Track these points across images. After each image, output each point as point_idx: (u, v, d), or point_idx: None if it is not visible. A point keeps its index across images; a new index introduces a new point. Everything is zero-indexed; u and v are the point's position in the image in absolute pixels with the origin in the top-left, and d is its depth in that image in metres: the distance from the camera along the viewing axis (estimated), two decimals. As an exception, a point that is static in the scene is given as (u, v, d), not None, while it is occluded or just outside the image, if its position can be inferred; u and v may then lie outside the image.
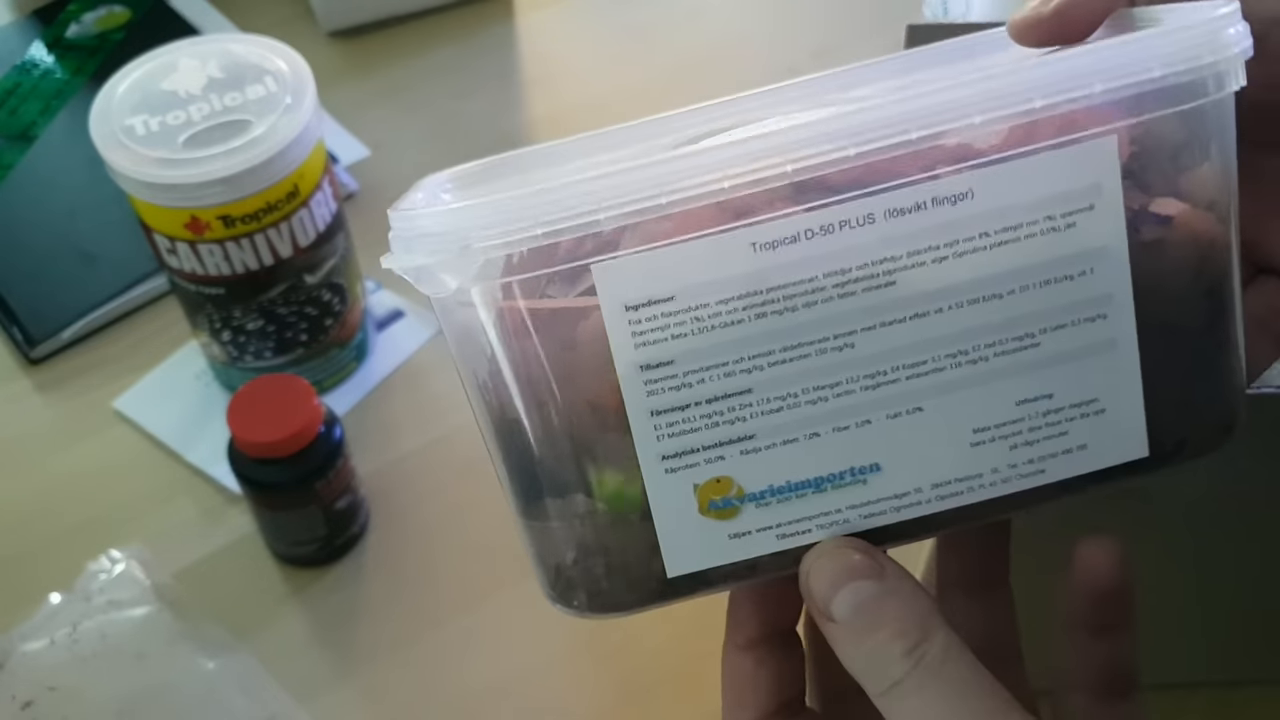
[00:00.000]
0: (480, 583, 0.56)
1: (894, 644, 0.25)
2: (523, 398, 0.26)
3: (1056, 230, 0.25)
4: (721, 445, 0.26)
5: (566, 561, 0.28)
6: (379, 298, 0.66)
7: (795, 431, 0.26)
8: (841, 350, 0.25)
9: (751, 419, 0.26)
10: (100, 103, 0.52)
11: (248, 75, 0.53)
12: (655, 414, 0.26)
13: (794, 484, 0.26)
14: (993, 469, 0.26)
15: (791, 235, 0.25)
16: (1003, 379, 0.26)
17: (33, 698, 0.51)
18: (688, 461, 0.26)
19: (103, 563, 0.55)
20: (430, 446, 0.61)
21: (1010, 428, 0.26)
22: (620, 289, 0.25)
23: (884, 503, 0.26)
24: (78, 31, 0.79)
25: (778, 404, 0.26)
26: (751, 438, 0.26)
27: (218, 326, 0.58)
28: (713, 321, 0.25)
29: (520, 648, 0.54)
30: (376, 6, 0.80)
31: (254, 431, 0.50)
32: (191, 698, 0.51)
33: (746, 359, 0.25)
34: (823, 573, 0.26)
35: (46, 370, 0.65)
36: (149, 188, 0.50)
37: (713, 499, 0.26)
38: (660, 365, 0.25)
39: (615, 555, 0.27)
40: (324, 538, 0.55)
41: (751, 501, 0.26)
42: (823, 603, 0.26)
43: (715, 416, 0.26)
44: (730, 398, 0.26)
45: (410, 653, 0.54)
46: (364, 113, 0.76)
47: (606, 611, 0.28)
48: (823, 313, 0.25)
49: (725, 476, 0.26)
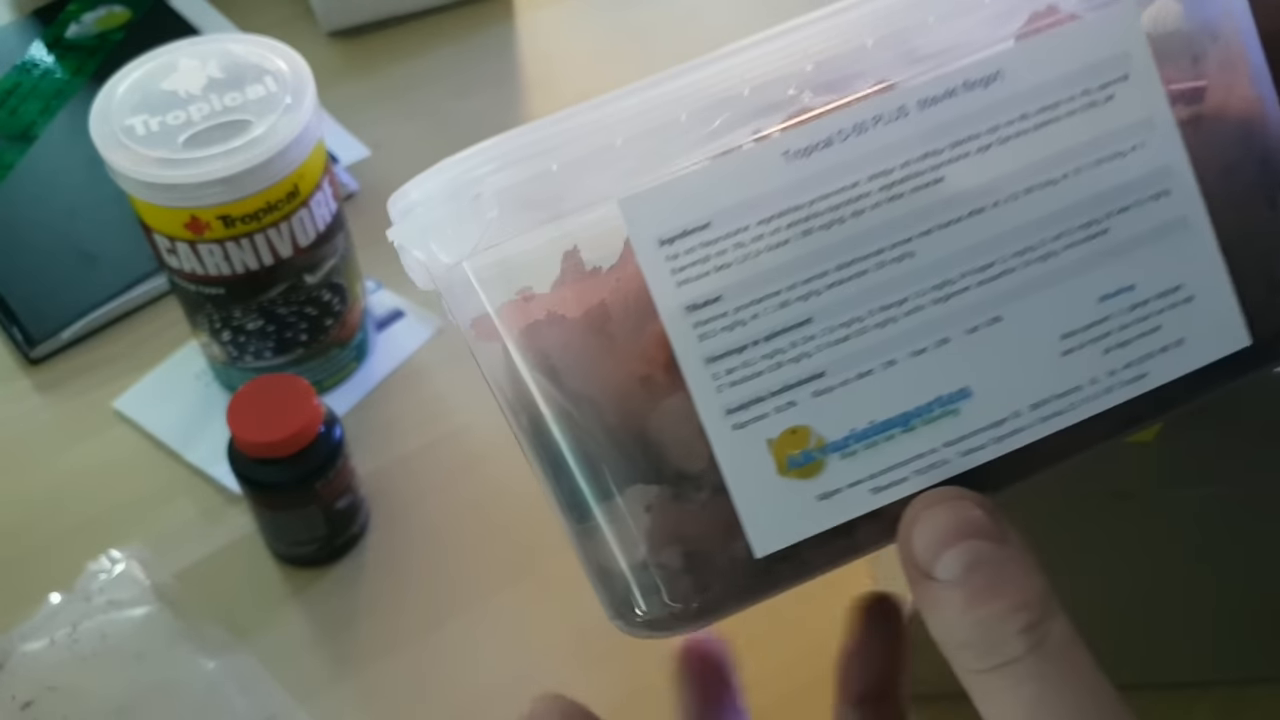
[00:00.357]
0: (480, 583, 0.56)
1: (1013, 617, 0.22)
2: (559, 396, 0.24)
3: (1096, 105, 0.24)
4: (790, 389, 0.23)
5: (634, 565, 0.24)
6: (379, 298, 0.66)
7: (869, 361, 0.23)
8: (901, 261, 0.23)
9: (818, 353, 0.23)
10: (100, 103, 0.52)
11: (248, 75, 0.53)
12: (711, 361, 0.23)
13: (879, 424, 0.23)
14: (1091, 379, 0.24)
15: (824, 138, 0.23)
16: (1079, 274, 0.24)
17: (33, 698, 0.51)
18: (755, 413, 0.23)
19: (103, 563, 0.55)
20: (430, 446, 0.61)
21: (1099, 329, 0.24)
22: (651, 222, 0.23)
23: (982, 434, 0.24)
24: (78, 31, 0.79)
25: (843, 332, 0.23)
26: (821, 375, 0.23)
27: (218, 326, 0.58)
28: (757, 246, 0.23)
29: (520, 648, 0.54)
30: (376, 6, 0.80)
31: (254, 431, 0.50)
32: (191, 698, 0.51)
33: (801, 284, 0.23)
34: (933, 524, 0.23)
35: (46, 370, 0.65)
36: (149, 188, 0.50)
37: (791, 455, 0.23)
38: (707, 303, 0.23)
39: (691, 544, 0.24)
40: (324, 538, 0.55)
41: (835, 452, 0.23)
42: (927, 558, 0.23)
43: (777, 356, 0.23)
44: (790, 331, 0.23)
45: (410, 653, 0.54)
46: (364, 113, 0.76)
47: (688, 620, 0.24)
48: (873, 221, 0.23)
49: (801, 426, 0.23)
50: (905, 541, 0.23)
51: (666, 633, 0.25)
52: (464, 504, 0.59)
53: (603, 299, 0.24)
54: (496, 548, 0.57)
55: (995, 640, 0.22)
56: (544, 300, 0.24)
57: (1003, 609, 0.22)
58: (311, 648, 0.55)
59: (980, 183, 0.23)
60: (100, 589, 0.54)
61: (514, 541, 0.57)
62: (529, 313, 0.24)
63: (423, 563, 0.57)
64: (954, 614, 0.22)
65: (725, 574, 0.24)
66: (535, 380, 0.24)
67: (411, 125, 0.76)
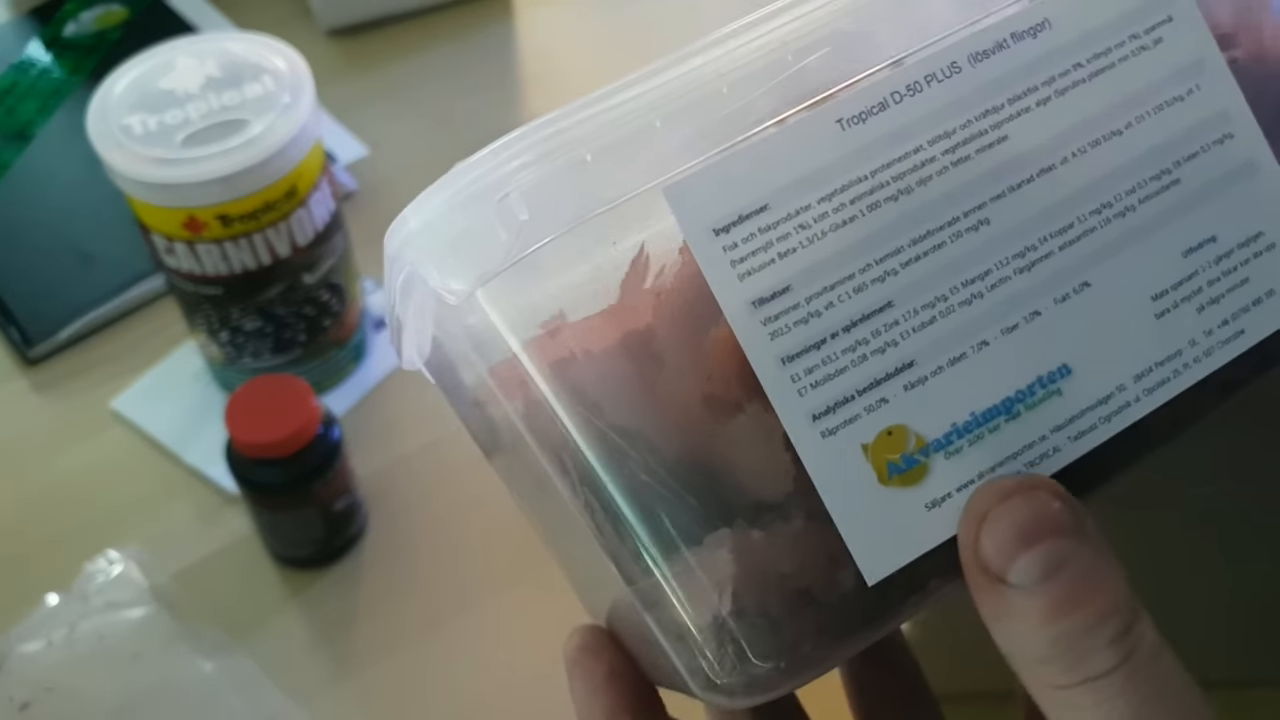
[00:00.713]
0: (479, 584, 0.56)
1: (1101, 627, 0.19)
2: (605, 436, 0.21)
3: (1146, 49, 0.23)
4: (879, 384, 0.21)
5: (718, 620, 0.21)
6: (377, 298, 0.66)
7: (960, 345, 0.21)
8: (978, 230, 0.22)
9: (904, 340, 0.21)
10: (98, 102, 0.52)
11: (246, 74, 0.53)
12: (788, 360, 0.21)
13: (981, 414, 0.21)
14: (1190, 341, 0.23)
15: (878, 102, 0.21)
16: (1159, 230, 0.23)
17: (30, 698, 0.51)
18: (845, 415, 0.21)
19: (100, 564, 0.55)
20: (429, 448, 0.61)
21: (1188, 286, 0.23)
22: (702, 210, 0.21)
23: (1090, 413, 0.22)
24: (75, 30, 0.79)
25: (928, 314, 0.21)
26: (911, 365, 0.21)
27: (215, 326, 0.57)
28: (821, 226, 0.21)
29: (519, 649, 0.54)
30: (375, 4, 0.80)
31: (252, 432, 0.50)
32: (189, 699, 0.51)
33: (875, 264, 0.21)
34: (1008, 521, 0.20)
35: (44, 370, 0.64)
36: (146, 187, 0.50)
37: (891, 460, 0.21)
38: (775, 296, 0.21)
39: (789, 584, 0.21)
40: (322, 539, 0.55)
41: (938, 451, 0.21)
42: (1000, 561, 0.20)
43: (860, 347, 0.21)
44: (871, 318, 0.21)
45: (408, 654, 0.54)
46: (362, 111, 0.76)
47: (796, 672, 0.21)
48: (942, 188, 0.22)
49: (897, 425, 0.21)
50: (971, 541, 0.20)
51: (768, 692, 0.21)
52: (463, 505, 0.59)
53: (645, 319, 0.21)
54: (495, 549, 0.57)
55: (1081, 654, 0.19)
56: (574, 330, 0.22)
57: (1090, 619, 0.19)
58: (309, 649, 0.54)
59: (1045, 139, 0.22)
60: (98, 590, 0.54)
61: (513, 542, 0.57)
62: (558, 347, 0.21)
63: (421, 564, 0.57)
64: (1033, 626, 0.20)
65: (835, 612, 0.21)
66: (575, 423, 0.21)
67: (410, 124, 0.75)
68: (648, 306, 0.21)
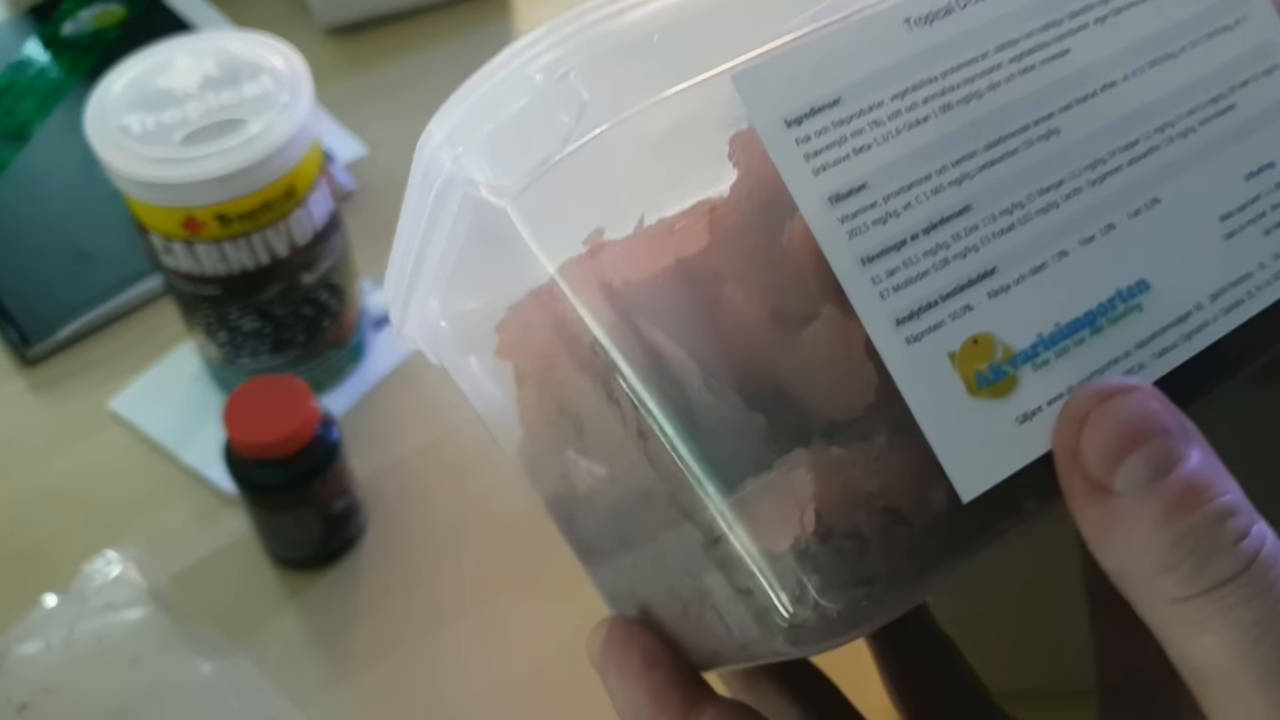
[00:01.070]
0: (478, 585, 0.56)
1: (1224, 527, 0.18)
2: (659, 367, 0.20)
3: None
4: (962, 290, 0.20)
5: (799, 546, 0.19)
6: (376, 298, 0.66)
7: (1040, 253, 0.21)
8: (1049, 139, 0.22)
9: (984, 246, 0.21)
10: (95, 101, 0.52)
11: (244, 73, 0.53)
12: (867, 261, 0.20)
13: (1065, 327, 0.21)
14: (1260, 264, 0.23)
15: (943, 6, 0.21)
16: (1220, 152, 0.23)
17: (28, 700, 0.51)
18: (929, 321, 0.20)
19: (98, 564, 0.55)
20: (428, 448, 0.61)
21: (1253, 209, 0.23)
22: (774, 100, 0.20)
23: (1171, 331, 0.21)
24: (73, 29, 0.79)
25: (1007, 220, 0.21)
26: (993, 272, 0.21)
27: (214, 326, 0.57)
28: (895, 124, 0.20)
29: (519, 650, 0.54)
30: (373, 3, 0.80)
31: (250, 432, 0.50)
32: (187, 701, 0.51)
33: (951, 166, 0.21)
34: (1109, 423, 0.19)
35: (42, 370, 0.64)
36: (145, 186, 0.50)
37: (979, 370, 0.20)
38: (852, 193, 0.20)
39: (876, 503, 0.19)
40: (321, 540, 0.55)
41: (1027, 363, 0.20)
42: (1103, 467, 0.19)
43: (941, 251, 0.20)
44: (950, 221, 0.20)
45: (408, 656, 0.54)
46: (361, 111, 0.76)
47: (880, 605, 0.20)
48: (1011, 95, 0.21)
49: (983, 334, 0.20)
50: (1070, 448, 0.19)
51: (849, 631, 0.20)
52: (462, 506, 0.58)
53: (700, 235, 0.21)
54: (495, 550, 0.57)
55: (1204, 557, 0.18)
56: (621, 248, 0.21)
57: (1210, 518, 0.18)
58: (308, 651, 0.54)
59: (1105, 55, 0.22)
60: (96, 591, 0.54)
61: (512, 543, 0.57)
62: (605, 267, 0.20)
63: (420, 565, 0.57)
64: (1147, 533, 0.18)
65: (927, 532, 0.20)
66: (625, 348, 0.20)
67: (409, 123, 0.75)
68: (702, 221, 0.21)
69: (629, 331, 0.20)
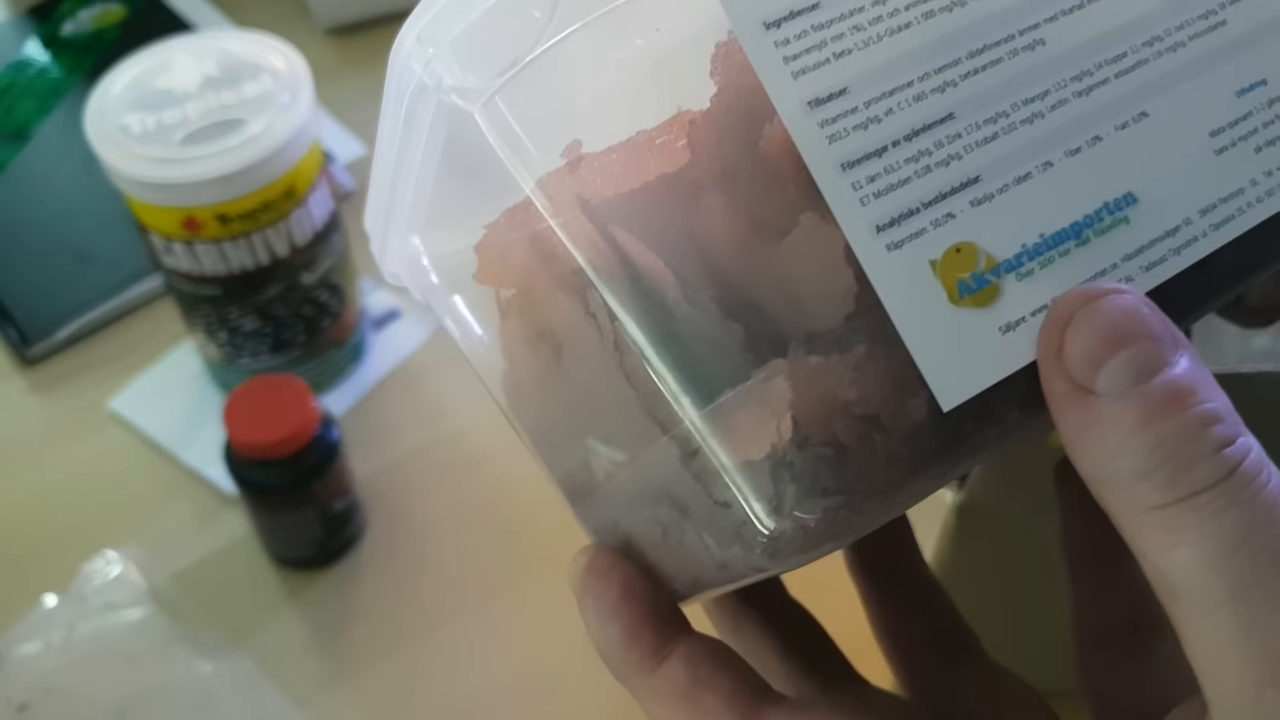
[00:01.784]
0: (478, 585, 0.56)
1: (1206, 435, 0.18)
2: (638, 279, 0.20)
3: None
4: (944, 197, 0.20)
5: (776, 454, 0.19)
6: (376, 298, 0.66)
7: (1025, 163, 0.21)
8: (1034, 50, 0.21)
9: (967, 154, 0.20)
10: (95, 101, 0.52)
11: (244, 73, 0.53)
12: (848, 167, 0.20)
13: (1050, 237, 0.21)
14: (1250, 180, 0.22)
15: None
16: (1210, 68, 0.22)
17: (28, 700, 0.51)
18: (911, 228, 0.20)
19: (98, 564, 0.55)
20: (428, 448, 0.61)
21: (1244, 126, 0.23)
22: (752, 2, 0.20)
23: (1159, 244, 0.21)
24: (73, 29, 0.79)
25: (990, 129, 0.21)
26: (977, 180, 0.20)
27: (214, 326, 0.57)
28: (876, 30, 0.20)
29: (519, 650, 0.54)
30: (373, 3, 0.80)
31: (250, 432, 0.50)
32: (187, 701, 0.51)
33: (934, 74, 0.20)
34: (1094, 323, 0.19)
35: (42, 370, 0.64)
36: (144, 186, 0.50)
37: (961, 278, 0.20)
38: (832, 97, 0.20)
39: (854, 411, 0.19)
40: (321, 540, 0.55)
41: (1010, 273, 0.20)
42: (1085, 367, 0.18)
43: (923, 158, 0.20)
44: (933, 129, 0.20)
45: (407, 656, 0.54)
46: (361, 110, 0.76)
47: (859, 513, 0.19)
48: (996, 3, 0.21)
49: (965, 243, 0.20)
50: (1053, 348, 0.19)
51: (828, 541, 0.20)
52: (462, 506, 0.58)
53: (678, 145, 0.20)
54: (495, 550, 0.57)
55: (1184, 463, 0.18)
56: (598, 161, 0.20)
57: (1193, 424, 0.18)
58: (308, 650, 0.54)
59: None
60: (96, 591, 0.54)
61: (512, 543, 0.57)
62: (582, 181, 0.20)
63: (420, 565, 0.57)
64: (1126, 435, 0.18)
65: (907, 441, 0.19)
66: (600, 261, 0.20)
67: (409, 123, 0.75)
68: (681, 134, 0.20)
69: (606, 244, 0.20)
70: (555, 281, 0.21)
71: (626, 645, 0.24)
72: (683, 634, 0.24)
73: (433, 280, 0.28)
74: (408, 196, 0.25)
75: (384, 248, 0.28)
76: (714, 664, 0.23)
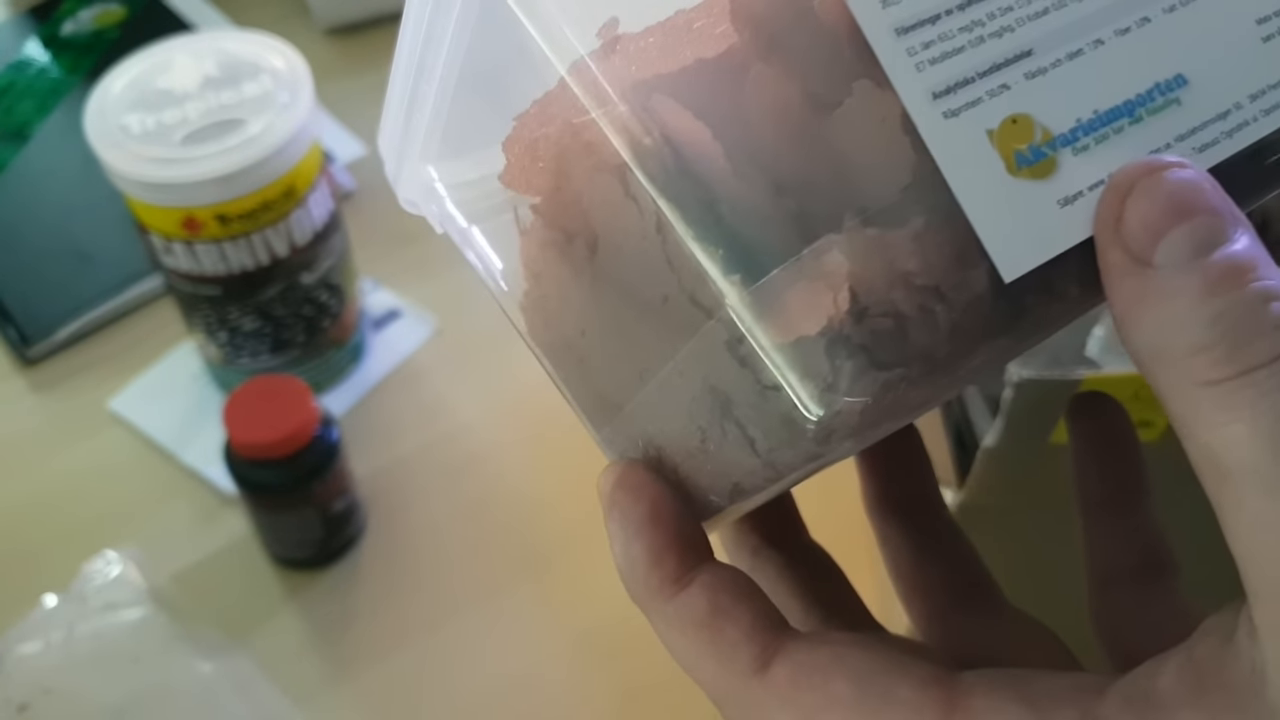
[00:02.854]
0: (478, 585, 0.56)
1: (1264, 310, 0.17)
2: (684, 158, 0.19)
3: None
4: (999, 68, 0.20)
5: (834, 326, 0.18)
6: (376, 298, 0.66)
7: (1076, 40, 0.20)
8: None
9: (1019, 27, 0.20)
10: (95, 101, 0.52)
11: (244, 72, 0.53)
12: (902, 32, 0.19)
13: (1104, 114, 0.20)
14: None
15: None
16: None
17: (28, 700, 0.51)
18: (967, 97, 0.20)
19: (98, 564, 0.55)
20: (428, 448, 0.61)
21: None
22: None
23: (1212, 126, 0.21)
24: (73, 29, 0.79)
25: (1041, 4, 0.20)
26: (1030, 54, 0.20)
27: (214, 326, 0.57)
28: None
29: (518, 650, 0.54)
30: (373, 3, 0.80)
31: (250, 432, 0.50)
32: (187, 700, 0.51)
33: None
34: (1154, 195, 0.18)
35: (42, 370, 0.64)
36: (144, 186, 0.50)
37: (1018, 149, 0.20)
38: None
39: (916, 281, 0.19)
40: (321, 540, 0.55)
41: (1065, 147, 0.20)
42: (1144, 239, 0.18)
43: (976, 28, 0.20)
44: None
45: (407, 655, 0.54)
46: (361, 110, 0.76)
47: (921, 385, 0.19)
48: None
49: (1021, 114, 0.20)
50: (1112, 217, 0.19)
51: (883, 421, 0.19)
52: (462, 505, 0.58)
53: (724, 37, 0.20)
54: (495, 549, 0.57)
55: (1244, 336, 0.17)
56: (636, 42, 0.20)
57: (1254, 296, 0.17)
58: (308, 650, 0.54)
59: None
60: (96, 591, 0.54)
61: (512, 543, 0.57)
62: (621, 62, 0.20)
63: (420, 565, 0.57)
64: (1185, 309, 0.18)
65: (969, 311, 0.19)
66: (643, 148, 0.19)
67: (409, 123, 0.75)
68: (723, 13, 0.20)
69: (647, 119, 0.19)
70: (591, 169, 0.21)
71: (649, 568, 0.23)
72: (706, 562, 0.23)
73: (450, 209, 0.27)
74: (425, 114, 0.24)
75: (399, 172, 0.27)
76: (735, 594, 0.23)
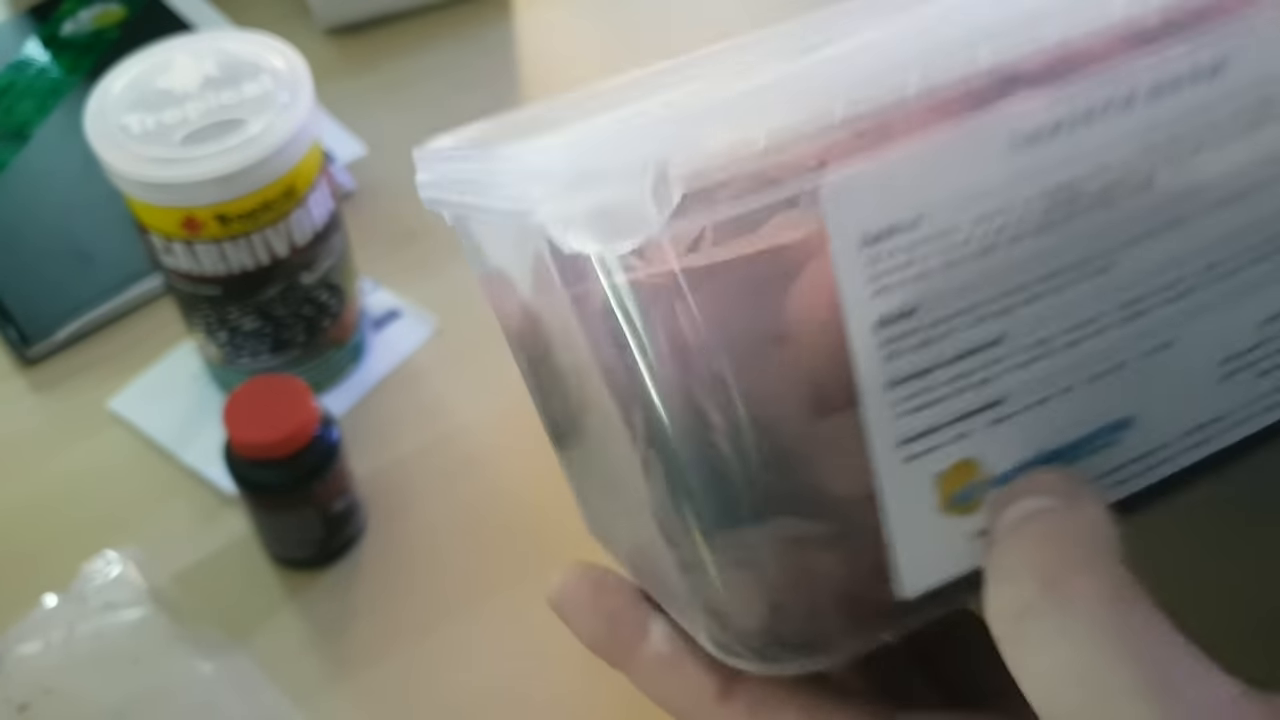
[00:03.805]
0: (479, 585, 0.56)
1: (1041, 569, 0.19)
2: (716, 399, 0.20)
3: None
4: (967, 417, 0.20)
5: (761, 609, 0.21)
6: (376, 298, 0.66)
7: (1048, 387, 0.21)
8: (1102, 274, 0.20)
9: (1001, 377, 0.20)
10: (95, 101, 0.52)
11: (244, 73, 0.53)
12: (892, 386, 0.20)
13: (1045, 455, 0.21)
14: (1242, 403, 0.22)
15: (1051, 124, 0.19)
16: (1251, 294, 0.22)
17: (28, 700, 0.51)
18: (929, 444, 0.20)
19: (98, 564, 0.55)
20: (428, 448, 0.61)
21: (1256, 353, 0.22)
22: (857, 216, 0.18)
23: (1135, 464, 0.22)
24: (73, 29, 0.79)
25: (1032, 353, 0.20)
26: (1000, 403, 0.20)
27: (214, 326, 0.57)
28: (964, 251, 0.19)
29: (519, 651, 0.54)
30: (373, 3, 0.80)
31: (250, 432, 0.50)
32: (188, 701, 0.51)
33: (1000, 297, 0.20)
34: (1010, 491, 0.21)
35: (41, 370, 0.64)
36: (144, 186, 0.50)
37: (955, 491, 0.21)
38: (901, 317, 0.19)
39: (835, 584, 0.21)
40: (321, 540, 0.55)
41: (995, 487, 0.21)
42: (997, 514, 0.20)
43: (960, 381, 0.20)
44: (980, 352, 0.20)
45: (408, 656, 0.54)
46: (361, 110, 0.76)
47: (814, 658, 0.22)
48: (1084, 227, 0.20)
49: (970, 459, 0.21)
50: None
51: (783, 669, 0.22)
52: (462, 506, 0.58)
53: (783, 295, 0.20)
54: (495, 550, 0.57)
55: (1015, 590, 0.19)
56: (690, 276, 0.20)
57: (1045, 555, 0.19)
58: (308, 650, 0.54)
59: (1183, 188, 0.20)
60: (96, 591, 0.54)
61: (512, 544, 0.57)
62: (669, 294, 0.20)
63: (420, 565, 0.57)
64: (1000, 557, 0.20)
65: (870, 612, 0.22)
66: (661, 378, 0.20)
67: (409, 123, 0.75)
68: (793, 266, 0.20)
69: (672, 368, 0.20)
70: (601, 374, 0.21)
71: (609, 633, 0.25)
72: (658, 611, 0.25)
73: None
74: None
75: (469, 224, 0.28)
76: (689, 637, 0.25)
